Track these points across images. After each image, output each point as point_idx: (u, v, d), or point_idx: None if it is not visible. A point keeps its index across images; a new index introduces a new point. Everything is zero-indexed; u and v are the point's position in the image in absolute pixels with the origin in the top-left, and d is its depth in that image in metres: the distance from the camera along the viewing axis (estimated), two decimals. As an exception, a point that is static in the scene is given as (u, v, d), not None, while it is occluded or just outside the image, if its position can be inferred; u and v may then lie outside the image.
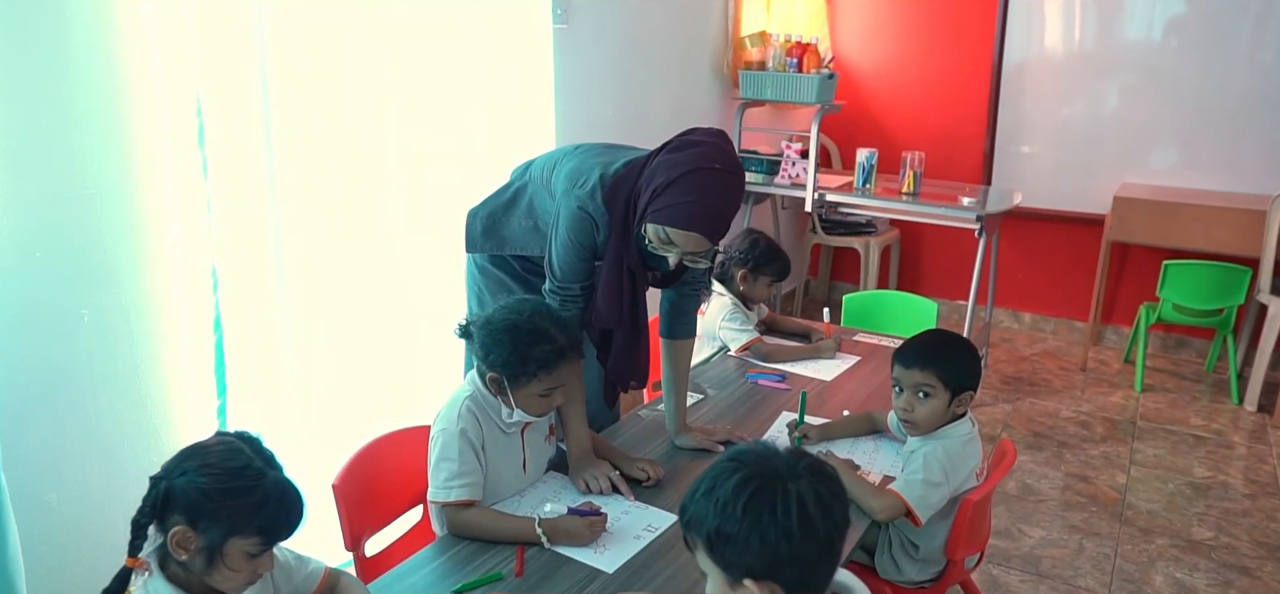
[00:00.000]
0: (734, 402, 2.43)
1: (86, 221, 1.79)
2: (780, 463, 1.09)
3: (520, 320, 1.73)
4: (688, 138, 1.85)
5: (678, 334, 2.12)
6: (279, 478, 1.29)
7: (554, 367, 1.73)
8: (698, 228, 1.75)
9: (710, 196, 1.75)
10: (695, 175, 1.75)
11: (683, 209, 1.75)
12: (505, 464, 1.85)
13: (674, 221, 1.75)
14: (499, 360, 1.73)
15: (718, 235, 1.80)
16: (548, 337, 1.72)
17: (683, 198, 1.75)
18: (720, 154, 1.79)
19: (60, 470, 1.81)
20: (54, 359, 1.77)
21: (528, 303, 1.79)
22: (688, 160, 1.77)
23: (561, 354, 1.73)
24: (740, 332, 2.75)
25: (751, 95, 4.20)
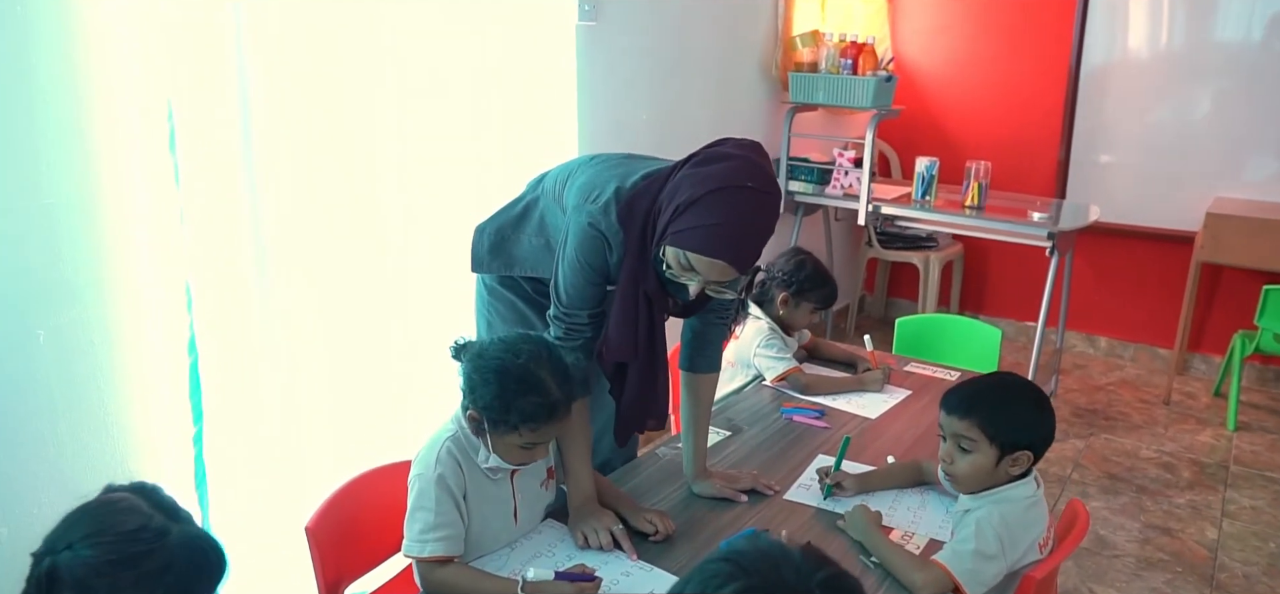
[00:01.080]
0: (765, 440, 2.18)
1: (43, 233, 1.64)
2: (789, 573, 0.83)
3: (512, 364, 1.51)
4: (717, 150, 1.62)
5: (700, 367, 1.89)
6: (186, 533, 1.11)
7: (540, 424, 1.51)
8: (722, 254, 1.52)
9: (738, 220, 1.53)
10: (722, 195, 1.52)
11: (706, 233, 1.52)
12: (493, 513, 1.64)
13: (696, 246, 1.53)
14: (482, 400, 1.52)
15: (745, 264, 1.57)
16: (540, 388, 1.50)
17: (707, 219, 1.52)
18: (753, 171, 1.56)
19: (12, 503, 1.66)
20: (4, 382, 1.62)
21: (528, 342, 1.56)
22: (715, 177, 1.54)
23: (551, 411, 1.51)
24: (777, 360, 2.49)
25: (802, 99, 3.93)
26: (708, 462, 1.96)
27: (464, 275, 2.06)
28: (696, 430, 1.90)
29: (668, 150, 3.36)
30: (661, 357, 1.77)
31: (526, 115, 2.61)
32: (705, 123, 3.51)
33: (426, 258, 2.32)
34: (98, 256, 1.71)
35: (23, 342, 1.63)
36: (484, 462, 1.60)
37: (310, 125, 2.01)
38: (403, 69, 2.19)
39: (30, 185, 1.61)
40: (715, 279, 1.56)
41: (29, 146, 1.60)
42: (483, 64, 2.41)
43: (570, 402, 1.55)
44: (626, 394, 1.77)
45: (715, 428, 2.22)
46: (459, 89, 2.35)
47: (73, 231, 1.67)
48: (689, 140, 3.40)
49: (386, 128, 2.18)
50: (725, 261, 1.53)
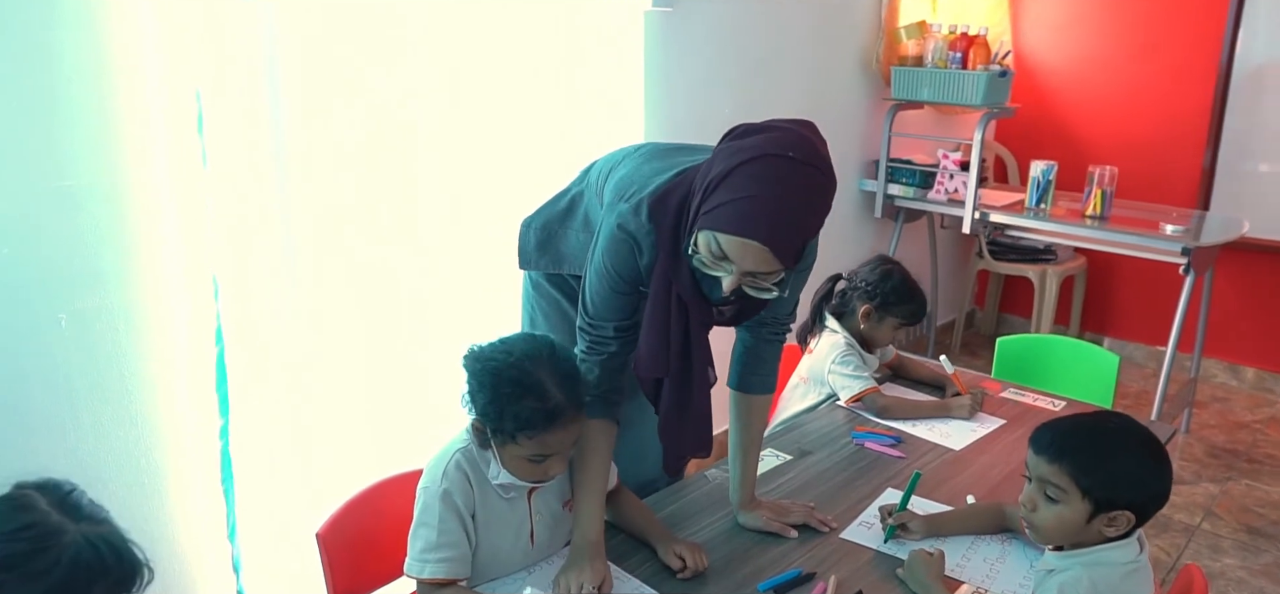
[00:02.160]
0: (831, 467, 1.96)
1: (66, 217, 1.60)
2: None
3: (507, 363, 1.37)
4: (758, 124, 1.41)
5: (751, 388, 1.68)
6: (87, 536, 1.03)
7: (539, 431, 1.36)
8: (754, 233, 1.29)
9: (775, 193, 1.29)
10: (757, 165, 1.30)
11: (735, 208, 1.30)
12: (505, 534, 1.50)
13: (724, 224, 1.31)
14: (480, 406, 1.38)
15: (785, 249, 1.32)
16: (538, 391, 1.35)
17: (738, 193, 1.30)
18: (797, 141, 1.33)
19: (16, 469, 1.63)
20: (24, 368, 1.59)
21: (528, 341, 1.42)
22: (751, 147, 1.33)
23: (551, 417, 1.35)
24: (853, 379, 2.25)
25: (905, 96, 3.64)
26: (758, 490, 1.76)
27: (511, 273, 1.93)
28: (744, 456, 1.70)
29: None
30: (700, 374, 1.56)
31: (586, 106, 2.46)
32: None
33: (472, 254, 2.20)
34: (122, 242, 1.67)
35: (44, 326, 1.60)
36: (495, 478, 1.46)
37: (348, 113, 1.92)
38: (451, 54, 2.09)
39: (53, 167, 1.57)
40: (751, 268, 1.33)
41: (51, 127, 1.56)
42: (538, 49, 2.28)
43: (576, 407, 1.38)
44: (660, 417, 1.58)
45: (775, 451, 2.02)
46: (511, 76, 2.22)
47: (96, 216, 1.63)
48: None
49: (431, 117, 2.08)
50: (759, 243, 1.29)
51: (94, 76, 1.59)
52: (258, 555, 1.94)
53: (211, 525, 1.88)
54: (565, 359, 1.42)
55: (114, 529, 1.07)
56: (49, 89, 1.55)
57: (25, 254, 1.56)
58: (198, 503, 1.85)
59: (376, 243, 2.02)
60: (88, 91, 1.59)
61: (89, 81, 1.59)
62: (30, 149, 1.54)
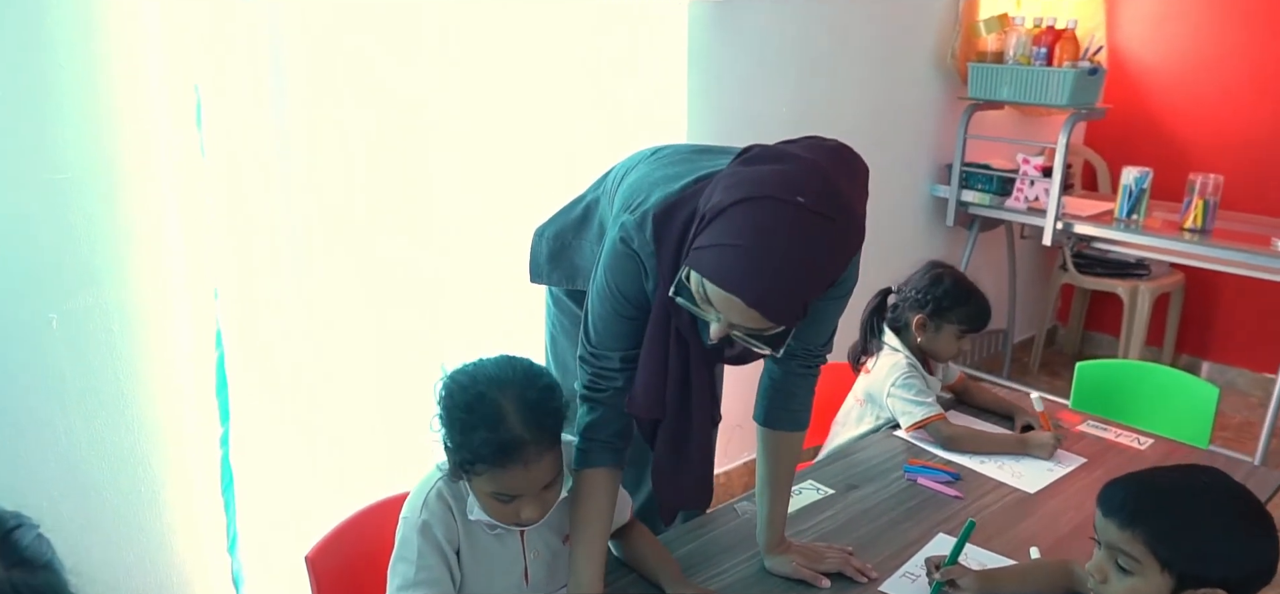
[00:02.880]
0: (877, 505, 1.75)
1: (56, 209, 1.52)
2: None
3: (469, 388, 1.22)
4: (777, 147, 1.21)
5: (780, 424, 1.48)
6: (15, 582, 0.90)
7: (499, 466, 1.19)
8: (737, 289, 1.10)
9: (770, 245, 1.09)
10: (755, 207, 1.10)
11: (721, 255, 1.11)
12: (494, 572, 1.35)
13: (708, 271, 1.13)
14: (444, 433, 1.24)
15: (777, 311, 1.12)
16: (496, 421, 1.18)
17: (727, 237, 1.11)
18: (814, 181, 1.11)
19: (21, 496, 1.55)
20: (10, 368, 1.52)
21: (504, 366, 1.25)
22: (755, 181, 1.13)
23: (504, 451, 1.18)
24: (915, 404, 2.04)
25: (983, 95, 3.37)
26: (791, 529, 1.58)
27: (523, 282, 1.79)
28: (773, 494, 1.51)
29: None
30: (700, 416, 1.37)
31: (620, 106, 2.29)
32: (861, 122, 3.06)
33: (491, 260, 2.06)
34: (116, 238, 1.59)
35: (32, 325, 1.53)
36: (471, 512, 1.31)
37: (357, 106, 1.81)
38: (470, 46, 1.95)
39: (42, 156, 1.50)
40: (737, 322, 1.14)
41: (43, 117, 1.49)
42: (567, 41, 2.13)
43: (541, 444, 1.21)
44: (654, 462, 1.40)
45: (815, 483, 1.83)
46: (536, 70, 2.07)
47: (89, 209, 1.55)
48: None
49: (448, 113, 1.95)
50: (744, 302, 1.10)
51: (88, 63, 1.51)
52: (259, 570, 1.84)
53: (211, 537, 1.79)
54: (540, 387, 1.24)
55: (52, 578, 0.94)
56: (40, 76, 1.47)
57: (13, 249, 1.50)
58: (197, 513, 1.77)
59: (386, 245, 1.90)
60: (81, 79, 1.51)
61: (83, 69, 1.51)
62: (20, 139, 1.47)
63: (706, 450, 1.38)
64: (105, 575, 1.67)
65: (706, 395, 1.34)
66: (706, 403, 1.35)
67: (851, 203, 1.14)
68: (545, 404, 1.22)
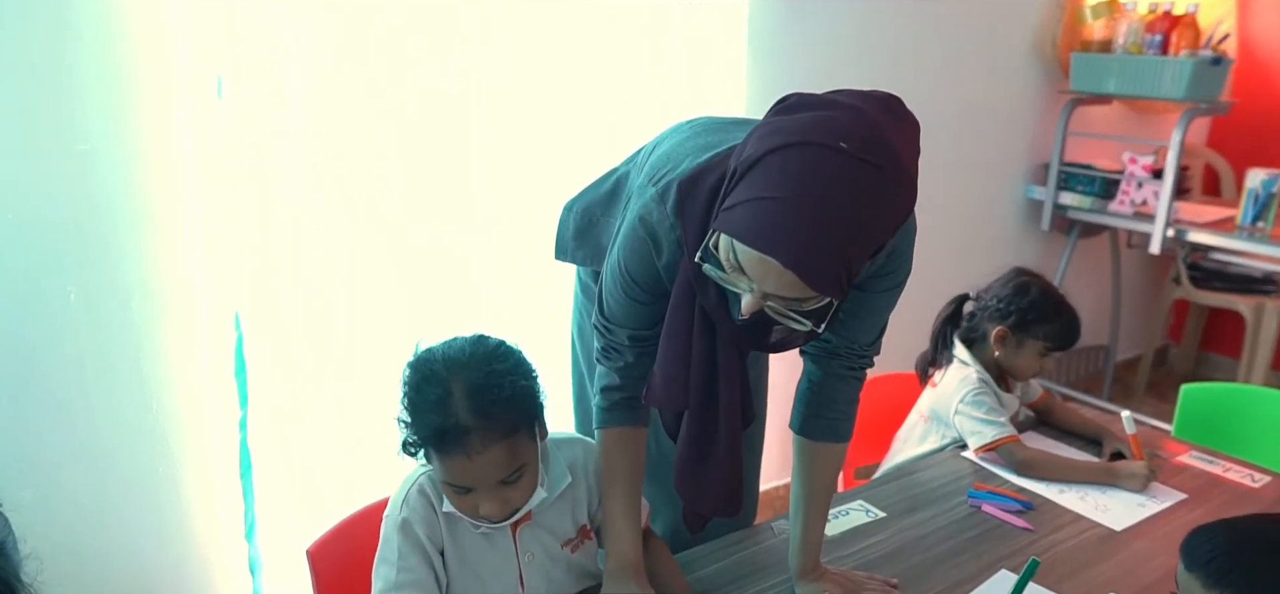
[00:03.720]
0: (933, 532, 1.57)
1: (76, 182, 1.50)
2: None
3: (423, 366, 1.13)
4: (816, 96, 1.05)
5: (815, 433, 1.32)
6: None
7: (441, 451, 1.10)
8: (774, 249, 0.94)
9: (812, 197, 0.93)
10: (793, 154, 0.95)
11: (755, 211, 0.96)
12: (487, 574, 1.25)
13: (740, 230, 0.97)
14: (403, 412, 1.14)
15: (820, 273, 0.95)
16: (438, 402, 1.08)
17: (762, 190, 0.96)
18: (860, 127, 0.96)
19: (36, 469, 1.55)
20: (30, 340, 1.51)
21: (466, 345, 1.15)
22: (792, 128, 0.98)
23: (444, 437, 1.08)
24: (985, 423, 1.83)
25: (1086, 88, 3.08)
26: (833, 554, 1.43)
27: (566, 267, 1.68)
28: (808, 514, 1.35)
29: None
30: (728, 410, 1.22)
31: (671, 93, 2.14)
32: (948, 116, 2.83)
33: (521, 249, 1.95)
34: (136, 215, 1.56)
35: (51, 299, 1.51)
36: (443, 505, 1.20)
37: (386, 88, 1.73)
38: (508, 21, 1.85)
39: (63, 128, 1.47)
40: (773, 291, 0.99)
41: (62, 84, 1.46)
42: (615, 18, 2.00)
43: (490, 434, 1.09)
44: (676, 461, 1.27)
45: (865, 504, 1.65)
46: (581, 50, 1.96)
47: (109, 183, 1.52)
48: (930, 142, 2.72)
49: (483, 92, 1.85)
50: (780, 262, 0.94)
51: (111, 41, 1.49)
52: (275, 557, 1.79)
53: (229, 522, 1.75)
54: (493, 371, 1.11)
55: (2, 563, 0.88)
56: (59, 40, 1.44)
57: (34, 220, 1.47)
58: (215, 497, 1.73)
59: (412, 226, 1.82)
60: (105, 56, 1.49)
61: (106, 46, 1.48)
62: (41, 106, 1.45)
63: (734, 449, 1.24)
64: (122, 555, 1.65)
65: (736, 386, 1.19)
66: (736, 395, 1.20)
67: (902, 156, 0.98)
68: (494, 390, 1.10)
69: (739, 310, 1.04)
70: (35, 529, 1.55)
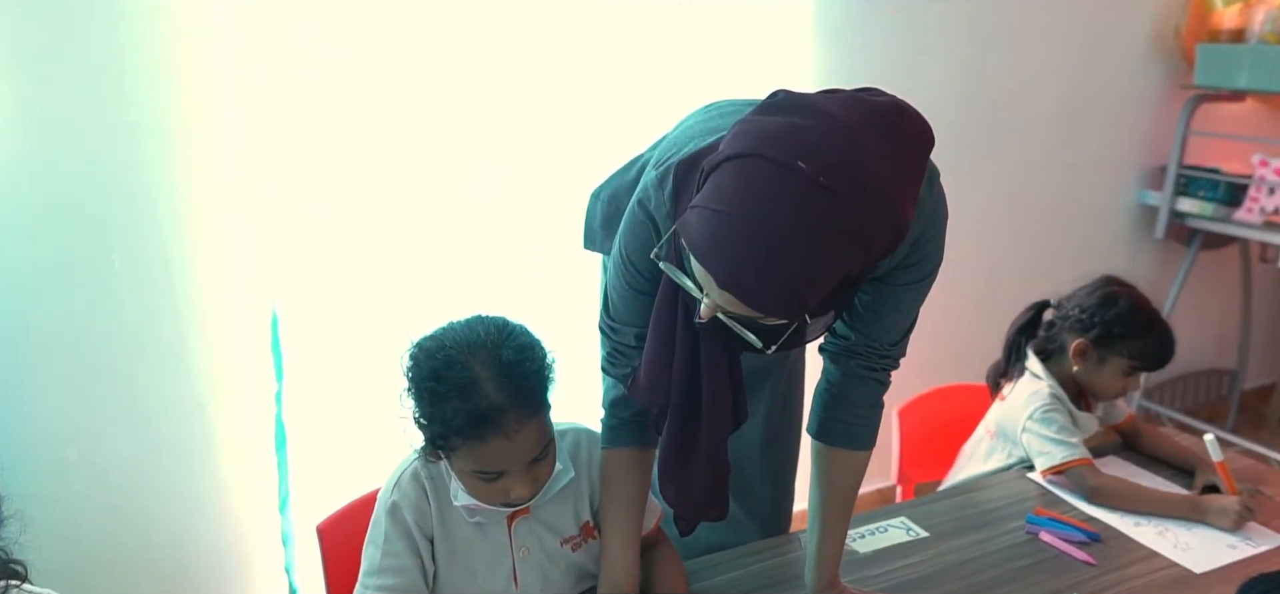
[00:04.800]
0: (981, 557, 1.43)
1: (124, 152, 1.55)
2: None
3: (434, 354, 1.08)
4: (801, 98, 0.93)
5: (833, 438, 1.21)
6: None
7: (476, 438, 1.05)
8: (711, 264, 0.88)
9: (752, 217, 0.86)
10: (746, 167, 0.87)
11: (703, 222, 0.89)
12: (478, 567, 1.21)
13: (690, 237, 0.91)
14: (416, 408, 1.09)
15: (755, 296, 0.88)
16: (468, 387, 1.04)
17: (712, 200, 0.89)
18: (829, 142, 0.85)
19: (83, 428, 1.61)
20: (75, 304, 1.57)
21: (475, 326, 1.10)
22: (756, 135, 0.88)
23: (481, 422, 1.03)
24: (1054, 443, 1.67)
25: (1214, 82, 2.78)
26: (865, 573, 1.35)
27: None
28: (823, 525, 1.24)
29: (980, 155, 2.54)
30: (713, 412, 1.12)
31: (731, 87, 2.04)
32: (1046, 108, 2.61)
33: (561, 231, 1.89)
34: (178, 187, 1.60)
35: (96, 264, 1.57)
36: (455, 498, 1.16)
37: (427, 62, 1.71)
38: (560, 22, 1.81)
39: (111, 100, 1.52)
40: (719, 303, 0.92)
41: (112, 58, 1.51)
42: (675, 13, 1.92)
43: (523, 410, 1.05)
44: (660, 460, 1.19)
45: (907, 523, 1.52)
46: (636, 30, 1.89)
47: (153, 156, 1.57)
48: (1027, 139, 2.53)
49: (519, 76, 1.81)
50: (718, 281, 0.88)
51: (157, 12, 1.52)
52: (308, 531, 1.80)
53: (263, 494, 1.78)
54: (516, 346, 1.08)
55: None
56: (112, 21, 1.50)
57: (81, 186, 1.53)
58: (251, 468, 1.76)
59: (447, 209, 1.80)
60: (151, 26, 1.53)
61: (152, 16, 1.52)
62: (92, 77, 1.50)
63: (718, 450, 1.15)
64: (160, 518, 1.69)
65: (722, 385, 1.10)
66: (722, 394, 1.11)
67: (879, 179, 0.86)
68: (523, 365, 1.06)
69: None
70: (78, 488, 1.64)
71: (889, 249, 0.97)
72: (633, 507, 1.21)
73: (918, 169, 0.93)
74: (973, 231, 2.48)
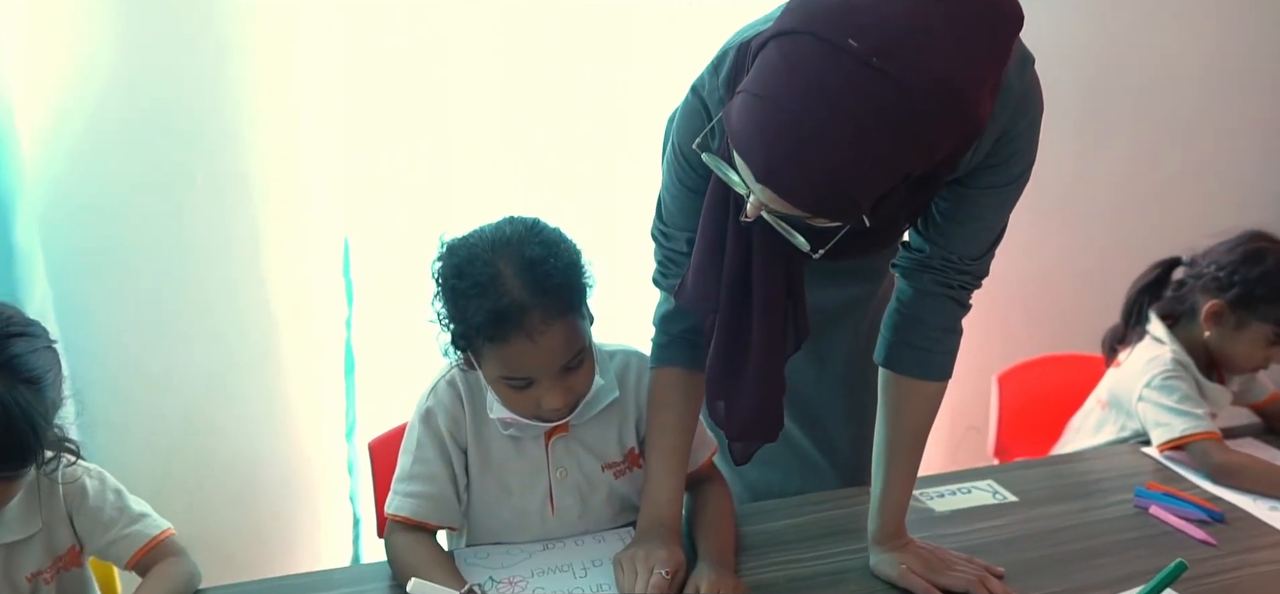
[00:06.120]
0: (1077, 526, 1.28)
1: (208, 71, 1.56)
2: None
3: (459, 251, 1.03)
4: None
5: (903, 365, 1.09)
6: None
7: (499, 338, 0.99)
8: (748, 153, 0.80)
9: (792, 100, 0.76)
10: (790, 46, 0.78)
11: (743, 108, 0.80)
12: (509, 486, 1.16)
13: (731, 125, 0.82)
14: (443, 308, 1.05)
15: (792, 189, 0.79)
16: (489, 283, 0.99)
17: (753, 84, 0.80)
18: (884, 20, 0.75)
19: (163, 342, 1.65)
20: (160, 217, 1.60)
21: (505, 225, 1.05)
22: (807, 10, 0.78)
23: (502, 320, 0.98)
24: (1175, 413, 1.49)
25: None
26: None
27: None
28: (889, 465, 1.12)
29: (1109, 115, 2.29)
30: (765, 323, 1.02)
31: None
32: (1199, 70, 2.32)
33: (637, 160, 1.81)
34: (261, 111, 1.61)
35: (179, 179, 1.60)
36: (491, 410, 1.11)
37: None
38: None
39: (200, 18, 1.54)
40: (762, 198, 0.82)
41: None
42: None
43: (549, 309, 0.99)
44: (707, 374, 1.09)
45: (995, 485, 1.37)
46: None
47: (240, 77, 1.58)
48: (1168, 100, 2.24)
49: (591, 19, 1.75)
50: (755, 173, 0.79)
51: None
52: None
53: (331, 418, 1.79)
54: (543, 243, 1.02)
55: (27, 397, 0.92)
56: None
57: (170, 104, 1.56)
58: (321, 393, 1.77)
59: (518, 140, 1.75)
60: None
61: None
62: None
63: (769, 364, 1.04)
64: (234, 437, 1.72)
65: (775, 293, 1.00)
66: (774, 303, 1.01)
67: (946, 65, 0.74)
68: (547, 261, 1.00)
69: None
70: (156, 400, 1.68)
71: (958, 150, 0.86)
72: (679, 431, 1.13)
73: (1000, 53, 0.81)
74: (1097, 199, 2.25)
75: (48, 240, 1.51)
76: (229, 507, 1.73)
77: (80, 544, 1.06)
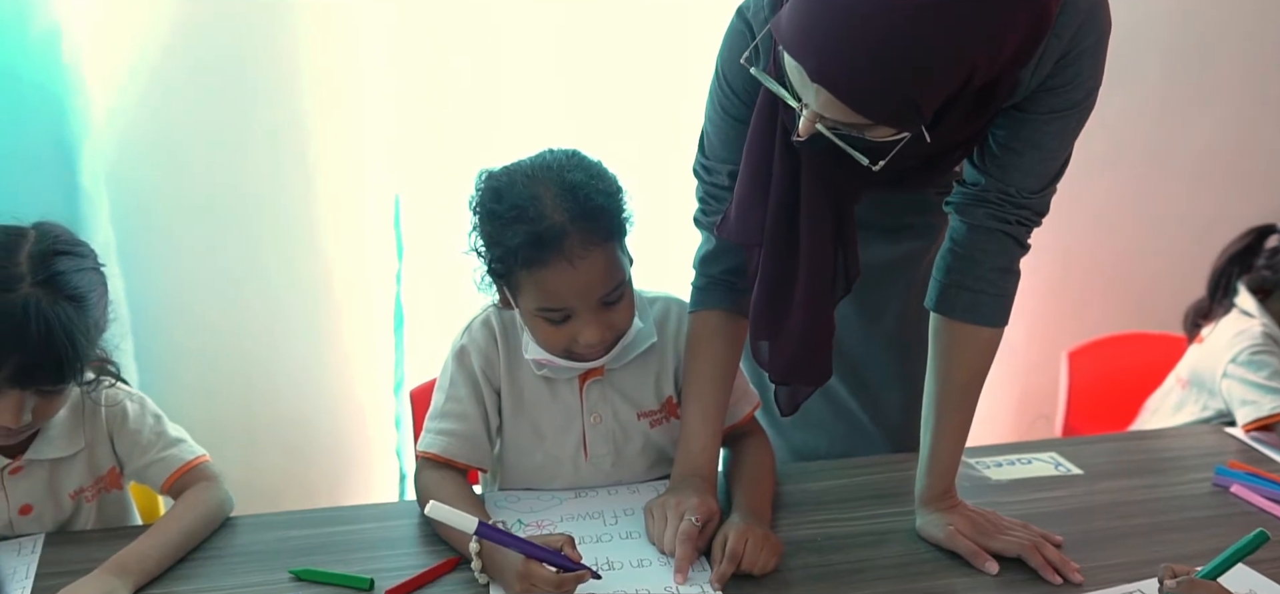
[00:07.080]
0: (1147, 501, 1.19)
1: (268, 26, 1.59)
2: None
3: (498, 177, 1.02)
4: None
5: (955, 308, 1.03)
6: (35, 301, 0.91)
7: (537, 263, 0.97)
8: (804, 56, 0.76)
9: (854, 3, 0.74)
10: None
11: (798, 10, 0.77)
12: (546, 427, 1.13)
13: (782, 30, 0.79)
14: (479, 236, 1.03)
15: (848, 87, 0.76)
16: (528, 205, 0.97)
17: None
18: None
19: (221, 292, 1.69)
20: (219, 166, 1.63)
21: (545, 154, 1.04)
22: None
23: (540, 244, 0.96)
24: (1264, 391, 1.39)
25: None
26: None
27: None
28: (939, 418, 1.06)
29: (1200, 88, 2.18)
30: (812, 260, 0.97)
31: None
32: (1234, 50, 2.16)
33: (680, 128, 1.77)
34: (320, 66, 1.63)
35: (238, 133, 1.63)
36: (526, 350, 1.09)
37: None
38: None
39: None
40: (817, 108, 0.79)
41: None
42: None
43: (587, 235, 0.97)
44: (751, 313, 1.04)
45: (1057, 457, 1.29)
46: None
47: (298, 30, 1.60)
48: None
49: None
50: (810, 72, 0.76)
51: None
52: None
53: (382, 373, 1.80)
54: (583, 167, 1.00)
55: (69, 314, 0.93)
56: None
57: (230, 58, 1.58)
58: (374, 346, 1.79)
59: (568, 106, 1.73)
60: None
61: None
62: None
63: (816, 301, 0.99)
64: (286, 389, 1.75)
65: (822, 228, 0.95)
66: (821, 238, 0.96)
67: None
68: (589, 186, 0.98)
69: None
70: (216, 350, 1.72)
71: (1025, 49, 0.80)
72: (718, 378, 1.09)
73: None
74: (1185, 170, 2.11)
75: (113, 187, 1.55)
76: (280, 455, 1.76)
77: (120, 466, 1.08)
